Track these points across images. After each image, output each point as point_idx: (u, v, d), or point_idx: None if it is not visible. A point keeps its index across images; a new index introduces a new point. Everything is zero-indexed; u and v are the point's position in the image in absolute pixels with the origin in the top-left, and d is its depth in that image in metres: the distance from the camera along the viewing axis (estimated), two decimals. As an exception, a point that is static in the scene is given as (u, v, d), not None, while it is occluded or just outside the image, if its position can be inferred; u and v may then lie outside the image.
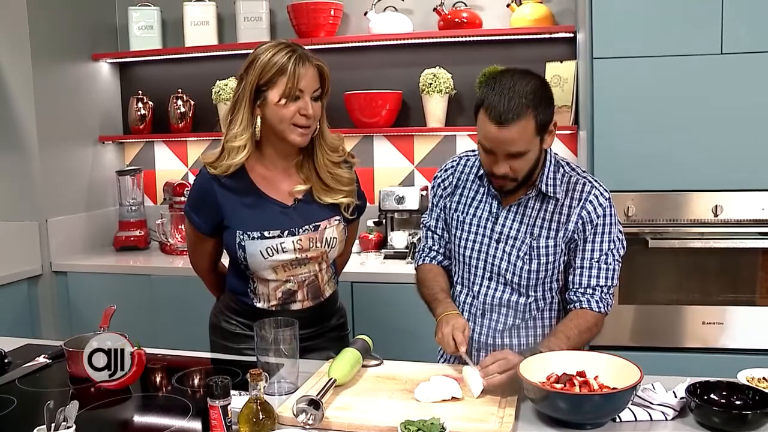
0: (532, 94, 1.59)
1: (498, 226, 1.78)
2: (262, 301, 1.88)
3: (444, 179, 1.90)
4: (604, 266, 1.74)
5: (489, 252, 1.79)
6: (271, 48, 1.76)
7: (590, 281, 1.74)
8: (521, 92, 1.58)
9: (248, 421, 1.33)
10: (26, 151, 3.17)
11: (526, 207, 1.76)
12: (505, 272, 1.78)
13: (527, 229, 1.75)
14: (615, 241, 1.75)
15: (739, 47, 2.43)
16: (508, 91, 1.58)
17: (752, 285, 2.59)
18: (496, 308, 1.81)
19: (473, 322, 1.83)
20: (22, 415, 1.52)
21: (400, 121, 3.34)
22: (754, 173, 2.48)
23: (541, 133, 1.64)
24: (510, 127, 1.58)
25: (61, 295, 3.24)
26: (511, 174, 1.66)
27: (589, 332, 1.72)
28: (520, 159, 1.64)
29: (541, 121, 1.61)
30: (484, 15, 3.22)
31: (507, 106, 1.57)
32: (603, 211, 1.72)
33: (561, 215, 1.74)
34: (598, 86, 2.55)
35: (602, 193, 1.74)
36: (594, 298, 1.74)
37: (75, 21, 3.38)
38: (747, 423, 1.32)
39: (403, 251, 3.11)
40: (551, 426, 1.39)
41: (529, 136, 1.61)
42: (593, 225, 1.72)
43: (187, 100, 3.53)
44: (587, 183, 1.74)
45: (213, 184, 1.83)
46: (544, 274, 1.77)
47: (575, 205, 1.73)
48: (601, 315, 1.75)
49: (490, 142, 1.63)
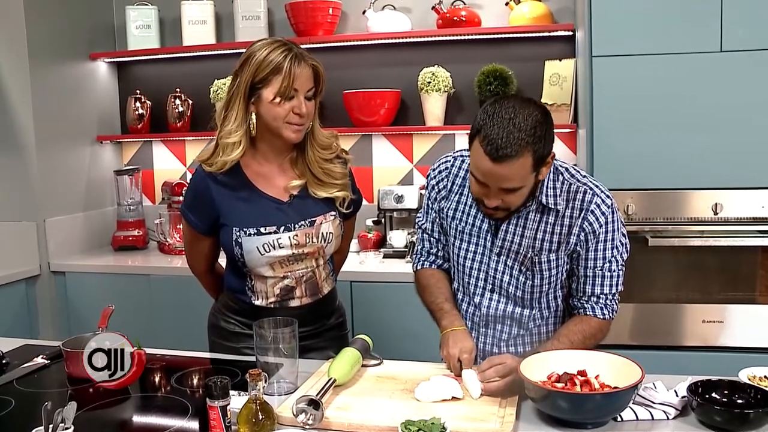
0: (533, 129, 1.49)
1: (498, 240, 1.71)
2: (260, 299, 1.87)
3: (438, 181, 1.81)
4: (608, 274, 1.69)
5: (490, 265, 1.74)
6: (267, 46, 1.75)
7: (594, 290, 1.70)
8: (521, 126, 1.49)
9: (248, 422, 1.32)
10: (24, 151, 3.16)
11: (526, 219, 1.69)
12: (507, 286, 1.74)
13: (528, 243, 1.69)
14: (618, 247, 1.69)
15: (739, 45, 2.43)
16: (507, 123, 1.49)
17: (752, 283, 2.59)
18: (499, 319, 1.78)
19: (476, 332, 1.81)
20: (20, 416, 1.51)
21: (399, 120, 3.34)
22: (753, 171, 2.48)
23: (538, 167, 1.55)
24: (506, 164, 1.49)
25: (59, 296, 3.24)
26: (502, 205, 1.61)
27: (593, 338, 1.70)
28: (514, 194, 1.58)
29: (539, 157, 1.53)
30: (483, 13, 3.21)
31: (505, 141, 1.47)
32: (605, 219, 1.65)
33: (563, 227, 1.67)
34: (598, 84, 2.55)
35: (604, 200, 1.66)
36: (598, 305, 1.71)
37: (72, 20, 3.37)
38: (749, 422, 1.32)
39: (402, 250, 3.11)
40: (552, 425, 1.39)
41: (525, 173, 1.53)
42: (595, 235, 1.66)
43: (185, 99, 3.53)
44: (588, 191, 1.66)
45: (208, 181, 1.83)
46: (547, 287, 1.73)
47: (576, 216, 1.66)
48: (606, 321, 1.72)
49: (484, 176, 1.55)
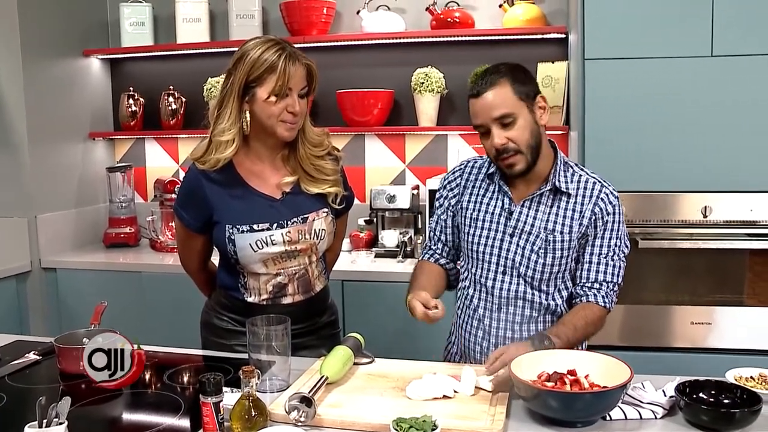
0: (505, 68, 1.74)
1: (512, 221, 1.81)
2: (252, 296, 1.88)
3: (451, 181, 1.94)
4: (611, 262, 1.79)
5: (503, 246, 1.82)
6: (261, 44, 1.76)
7: (597, 276, 1.78)
8: (494, 70, 1.74)
9: (240, 418, 1.33)
10: (16, 147, 3.14)
11: (539, 203, 1.80)
12: (519, 266, 1.80)
13: (542, 224, 1.79)
14: (623, 238, 1.81)
15: (729, 50, 2.45)
16: (483, 73, 1.75)
17: (740, 286, 2.61)
18: (512, 301, 1.82)
19: (489, 318, 1.84)
20: (11, 412, 1.51)
21: (392, 120, 3.35)
22: (743, 175, 2.50)
23: (525, 100, 1.71)
24: (486, 93, 1.70)
25: (50, 292, 3.23)
26: (511, 144, 1.71)
27: (594, 326, 1.77)
28: (512, 127, 1.70)
29: (520, 89, 1.71)
30: (477, 15, 3.22)
31: (482, 80, 1.73)
32: (613, 209, 1.79)
33: (574, 211, 1.78)
34: (590, 87, 2.56)
35: (612, 192, 1.81)
36: (600, 293, 1.78)
37: (66, 17, 3.36)
38: (735, 421, 1.34)
39: (393, 250, 3.11)
40: (542, 424, 1.40)
41: (508, 99, 1.70)
42: (604, 221, 1.78)
43: (178, 97, 3.52)
44: (597, 183, 1.81)
45: (201, 179, 1.84)
46: (557, 269, 1.79)
47: (587, 202, 1.78)
48: (605, 310, 1.79)
49: (476, 116, 1.73)
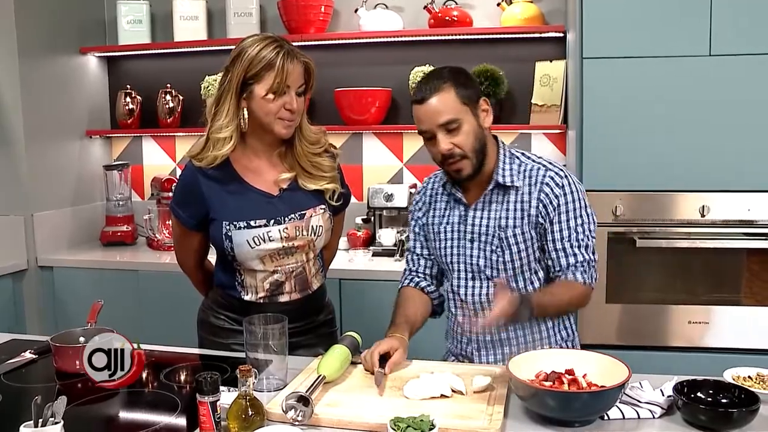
0: (448, 72, 1.75)
1: (469, 227, 1.84)
2: (249, 293, 1.88)
3: (417, 201, 1.99)
4: (575, 243, 1.78)
5: (466, 253, 1.85)
6: (259, 42, 1.76)
7: (568, 260, 1.78)
8: (436, 75, 1.75)
9: (237, 417, 1.33)
10: (12, 145, 3.13)
11: (490, 202, 1.82)
12: (485, 269, 1.84)
13: (495, 223, 1.81)
14: (583, 216, 1.79)
15: (727, 49, 2.45)
16: (426, 78, 1.76)
17: (737, 285, 2.62)
18: (485, 305, 1.83)
19: (470, 324, 1.85)
20: (7, 411, 1.51)
21: (390, 119, 3.34)
22: (740, 174, 2.51)
23: (469, 104, 1.72)
24: (430, 99, 1.71)
25: (46, 291, 3.22)
26: (457, 150, 1.72)
27: (577, 300, 1.79)
28: (457, 132, 1.71)
29: (463, 94, 1.71)
30: (475, 13, 3.22)
31: (425, 86, 1.73)
32: (561, 191, 1.77)
33: (523, 203, 1.79)
34: (588, 86, 2.57)
35: (557, 173, 1.79)
36: (578, 271, 1.77)
37: (63, 14, 3.35)
38: (733, 421, 1.34)
39: (391, 248, 3.11)
40: (540, 423, 1.40)
41: (452, 105, 1.70)
42: (554, 206, 1.77)
43: (175, 95, 3.51)
44: (541, 168, 1.80)
45: (198, 176, 1.84)
46: (519, 263, 1.81)
47: (534, 191, 1.79)
48: (586, 287, 1.78)
49: (421, 121, 1.74)
